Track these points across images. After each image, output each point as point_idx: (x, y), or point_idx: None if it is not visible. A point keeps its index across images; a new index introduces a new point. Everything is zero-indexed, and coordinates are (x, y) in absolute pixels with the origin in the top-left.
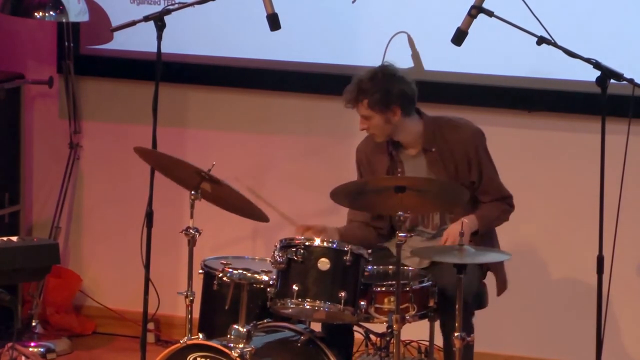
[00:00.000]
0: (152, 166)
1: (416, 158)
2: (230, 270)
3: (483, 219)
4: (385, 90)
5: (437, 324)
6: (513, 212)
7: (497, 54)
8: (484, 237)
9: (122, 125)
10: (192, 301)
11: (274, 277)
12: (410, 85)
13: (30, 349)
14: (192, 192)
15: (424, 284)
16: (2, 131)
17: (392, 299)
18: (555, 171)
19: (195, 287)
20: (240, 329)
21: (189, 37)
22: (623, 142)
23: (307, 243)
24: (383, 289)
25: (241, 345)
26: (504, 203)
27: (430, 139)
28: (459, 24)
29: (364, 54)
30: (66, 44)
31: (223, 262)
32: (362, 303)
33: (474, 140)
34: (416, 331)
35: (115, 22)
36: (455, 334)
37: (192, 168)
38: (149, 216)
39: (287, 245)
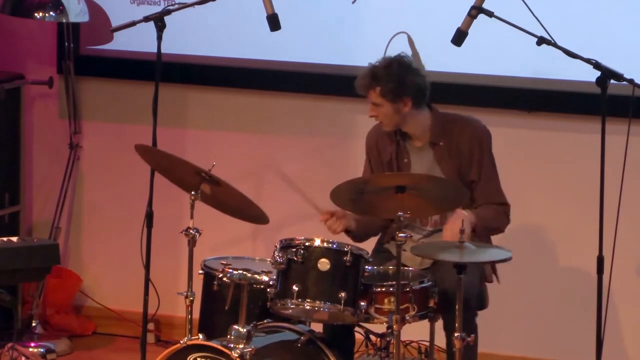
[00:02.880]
0: (152, 166)
1: (423, 150)
2: (230, 270)
3: (480, 216)
4: (399, 80)
5: (437, 324)
6: (508, 224)
7: (497, 54)
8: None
9: (122, 125)
10: (192, 301)
11: (274, 277)
12: (423, 78)
13: (30, 350)
14: (192, 193)
15: (424, 284)
16: (2, 131)
17: (392, 300)
18: (555, 171)
19: (195, 288)
20: (240, 329)
21: (189, 37)
22: (623, 142)
23: (307, 244)
24: (383, 289)
25: (241, 346)
26: (501, 209)
27: (438, 132)
28: (459, 25)
29: (364, 54)
30: (66, 44)
31: (223, 262)
32: (362, 303)
33: (481, 137)
34: (416, 331)
35: (115, 23)
36: (455, 334)
37: (192, 167)
38: (149, 216)
39: (287, 245)
